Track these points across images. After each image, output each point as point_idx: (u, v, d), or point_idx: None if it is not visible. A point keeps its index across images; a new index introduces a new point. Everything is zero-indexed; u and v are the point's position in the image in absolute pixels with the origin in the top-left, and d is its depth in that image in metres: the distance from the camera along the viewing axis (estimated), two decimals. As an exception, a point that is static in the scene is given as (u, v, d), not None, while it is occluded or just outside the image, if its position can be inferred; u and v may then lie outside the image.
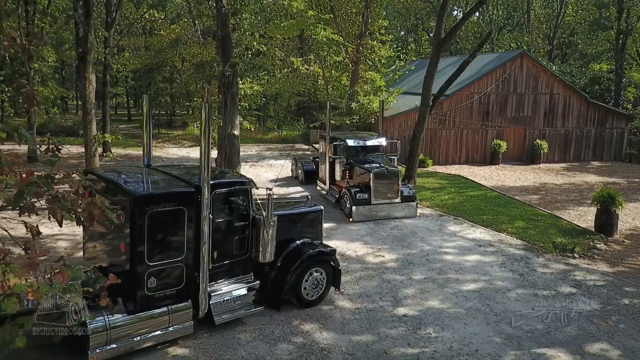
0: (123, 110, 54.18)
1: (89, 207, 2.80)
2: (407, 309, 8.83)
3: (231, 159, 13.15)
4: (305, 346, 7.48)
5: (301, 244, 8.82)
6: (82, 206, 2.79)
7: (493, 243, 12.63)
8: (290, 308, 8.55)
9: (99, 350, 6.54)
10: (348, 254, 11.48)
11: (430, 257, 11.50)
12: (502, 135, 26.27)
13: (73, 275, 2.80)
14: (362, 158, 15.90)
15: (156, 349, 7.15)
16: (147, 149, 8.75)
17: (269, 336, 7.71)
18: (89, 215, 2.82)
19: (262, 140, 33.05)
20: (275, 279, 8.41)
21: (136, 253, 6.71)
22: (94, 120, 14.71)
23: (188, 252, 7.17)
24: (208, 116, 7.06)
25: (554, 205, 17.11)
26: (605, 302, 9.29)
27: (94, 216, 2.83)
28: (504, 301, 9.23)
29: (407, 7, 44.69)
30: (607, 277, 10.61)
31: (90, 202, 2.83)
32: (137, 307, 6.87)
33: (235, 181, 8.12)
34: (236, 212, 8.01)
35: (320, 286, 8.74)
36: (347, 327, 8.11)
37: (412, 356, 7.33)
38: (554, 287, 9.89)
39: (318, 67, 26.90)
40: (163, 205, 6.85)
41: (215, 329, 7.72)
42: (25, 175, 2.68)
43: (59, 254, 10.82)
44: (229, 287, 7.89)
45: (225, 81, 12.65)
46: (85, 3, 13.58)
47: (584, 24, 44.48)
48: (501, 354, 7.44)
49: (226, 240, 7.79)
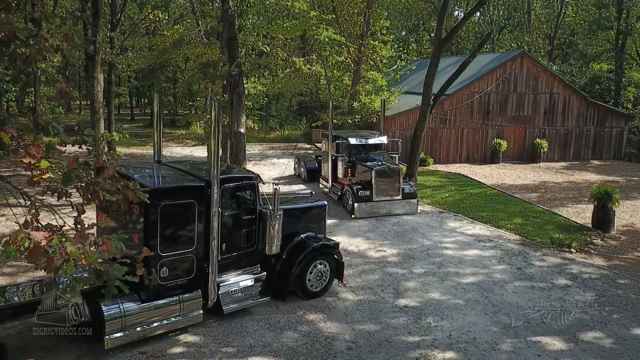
0: (125, 110, 54.63)
1: (123, 189, 3.13)
2: (408, 300, 9.14)
3: (237, 156, 13.50)
4: (310, 334, 7.80)
5: (305, 237, 9.15)
6: (118, 188, 3.13)
7: (492, 238, 12.94)
8: (295, 299, 8.87)
9: (114, 336, 6.86)
10: (350, 249, 11.79)
11: (430, 251, 11.82)
12: (503, 134, 26.56)
13: (115, 246, 3.14)
14: (364, 156, 16.23)
15: (167, 336, 7.48)
16: (158, 145, 9.08)
17: (275, 325, 8.03)
18: (124, 196, 3.15)
19: (264, 140, 33.40)
20: (281, 270, 8.73)
21: (149, 244, 7.02)
22: (102, 119, 15.04)
23: (198, 243, 7.50)
24: (218, 114, 7.38)
25: (553, 203, 17.40)
26: (599, 294, 9.60)
27: (129, 197, 3.17)
28: (502, 293, 9.55)
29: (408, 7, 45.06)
30: (602, 270, 10.91)
31: (125, 184, 3.16)
32: (150, 296, 7.20)
33: (243, 176, 8.44)
34: (244, 206, 8.34)
35: (324, 278, 9.06)
36: (350, 317, 8.42)
37: (412, 344, 7.64)
38: (550, 280, 10.21)
39: (320, 67, 27.21)
40: (175, 199, 7.17)
41: (224, 318, 8.04)
42: (71, 161, 3.02)
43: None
44: (236, 278, 8.22)
45: (232, 81, 12.98)
46: (94, 4, 13.92)
47: (584, 24, 44.73)
48: (498, 341, 7.75)
49: (234, 233, 8.11)
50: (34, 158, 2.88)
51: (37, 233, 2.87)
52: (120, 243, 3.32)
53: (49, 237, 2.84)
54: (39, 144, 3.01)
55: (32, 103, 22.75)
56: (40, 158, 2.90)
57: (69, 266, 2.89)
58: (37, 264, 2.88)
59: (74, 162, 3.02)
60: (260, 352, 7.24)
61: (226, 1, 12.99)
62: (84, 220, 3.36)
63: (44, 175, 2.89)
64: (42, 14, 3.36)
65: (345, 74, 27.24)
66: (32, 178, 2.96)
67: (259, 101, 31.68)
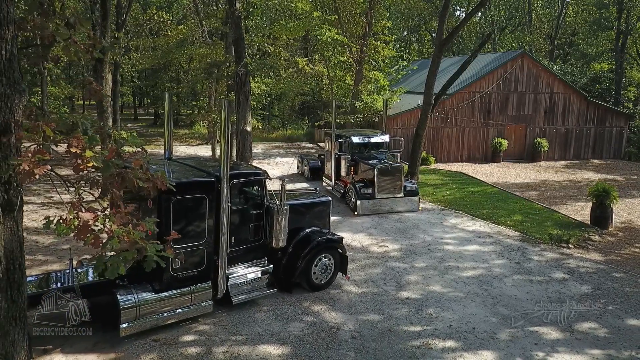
0: (128, 110, 54.98)
1: (153, 178, 3.46)
2: (410, 293, 9.45)
3: (244, 153, 13.85)
4: (316, 324, 8.11)
5: (311, 232, 9.47)
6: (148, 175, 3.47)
7: (491, 234, 13.25)
8: (301, 291, 9.19)
9: (129, 324, 7.19)
10: (353, 245, 12.10)
11: (431, 247, 12.13)
12: (503, 133, 26.83)
13: (149, 227, 3.48)
14: (366, 154, 16.55)
15: (179, 325, 7.80)
16: (168, 143, 9.40)
17: (282, 315, 8.35)
18: (153, 183, 3.49)
19: (267, 139, 33.71)
20: (287, 263, 9.06)
21: (162, 237, 7.33)
22: (110, 118, 15.38)
23: (208, 236, 7.82)
24: (228, 113, 7.70)
25: (553, 201, 17.68)
26: (595, 287, 9.90)
27: (157, 185, 3.51)
28: (501, 286, 9.85)
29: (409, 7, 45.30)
30: (598, 265, 11.21)
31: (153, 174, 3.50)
32: (163, 286, 7.53)
33: (251, 172, 8.77)
34: (252, 201, 8.67)
35: (328, 271, 9.38)
36: (354, 308, 8.73)
37: (414, 333, 7.95)
38: (548, 274, 10.51)
39: (322, 66, 27.55)
40: (187, 193, 7.49)
41: (233, 309, 8.36)
42: (110, 152, 3.35)
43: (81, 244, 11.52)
44: (245, 270, 8.55)
45: (239, 80, 13.33)
46: (103, 6, 14.25)
47: (584, 24, 44.96)
48: (496, 331, 8.06)
49: (243, 227, 8.44)
50: (78, 149, 3.22)
51: (84, 214, 3.20)
52: (153, 225, 3.66)
53: (95, 217, 3.18)
54: (79, 137, 3.35)
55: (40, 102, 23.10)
56: (84, 148, 3.23)
57: (114, 242, 3.23)
58: (85, 240, 3.21)
59: (111, 153, 3.36)
60: (268, 341, 7.55)
61: (233, 3, 13.34)
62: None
63: (89, 164, 3.23)
64: (76, 19, 3.68)
65: (348, 73, 27.57)
66: (78, 166, 3.29)
67: (262, 101, 32.02)
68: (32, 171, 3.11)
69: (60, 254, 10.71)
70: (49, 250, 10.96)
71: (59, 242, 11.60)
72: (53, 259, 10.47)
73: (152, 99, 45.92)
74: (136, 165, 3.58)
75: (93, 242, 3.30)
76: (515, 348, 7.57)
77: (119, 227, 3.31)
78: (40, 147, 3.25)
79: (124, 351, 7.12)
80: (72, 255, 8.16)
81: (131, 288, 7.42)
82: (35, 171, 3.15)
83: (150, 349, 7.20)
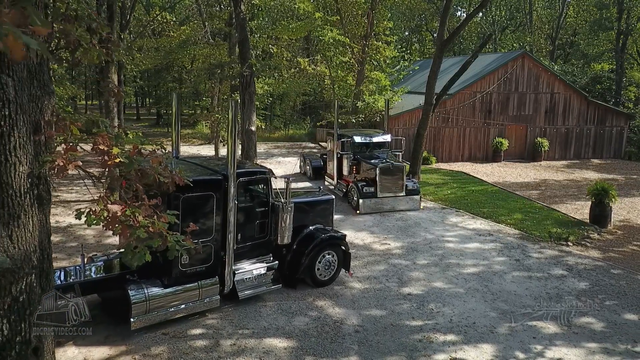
0: (130, 110, 55.23)
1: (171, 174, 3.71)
2: (412, 289, 9.67)
3: (248, 153, 14.09)
4: (320, 319, 8.34)
5: (314, 229, 9.69)
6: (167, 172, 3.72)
7: (492, 232, 13.46)
8: (305, 287, 9.42)
9: (139, 318, 7.42)
10: (356, 243, 12.32)
11: (433, 244, 12.34)
12: (504, 133, 27.04)
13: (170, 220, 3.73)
14: (368, 154, 16.77)
15: (187, 319, 8.03)
16: (176, 143, 9.63)
17: (287, 310, 8.57)
18: (172, 179, 3.74)
19: (269, 139, 33.95)
20: (292, 260, 9.28)
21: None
22: (115, 118, 15.62)
23: (216, 233, 8.05)
24: (235, 113, 7.92)
25: (553, 200, 17.88)
26: (593, 283, 10.11)
27: (175, 180, 3.76)
28: (501, 282, 10.06)
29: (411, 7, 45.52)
30: (596, 262, 11.42)
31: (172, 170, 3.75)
32: (172, 281, 7.76)
33: (257, 171, 9.00)
34: (257, 199, 8.90)
35: (332, 267, 9.60)
36: (357, 304, 8.95)
37: (416, 327, 8.17)
38: (547, 271, 10.72)
39: (324, 67, 27.76)
40: (195, 191, 7.71)
41: (239, 304, 8.59)
42: (133, 149, 3.59)
43: (87, 241, 11.78)
44: (251, 266, 8.78)
45: (244, 81, 13.57)
46: (109, 7, 14.49)
47: (585, 25, 45.14)
48: (496, 325, 8.28)
49: (249, 224, 8.67)
50: (106, 146, 3.46)
51: (112, 206, 3.44)
52: (174, 217, 3.91)
53: (123, 209, 3.42)
54: (104, 135, 3.59)
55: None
56: (112, 145, 3.48)
57: (141, 232, 3.47)
58: (114, 230, 3.46)
59: (134, 150, 3.60)
60: (274, 334, 7.78)
61: (238, 5, 13.57)
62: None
63: (116, 160, 3.47)
64: (98, 25, 3.91)
65: (349, 74, 27.78)
66: (105, 162, 3.53)
67: (264, 101, 32.26)
68: (65, 166, 3.36)
69: (69, 252, 10.96)
70: (57, 248, 11.19)
71: (66, 240, 11.86)
72: (62, 256, 10.70)
73: (154, 99, 46.15)
74: (154, 162, 3.82)
75: (121, 231, 3.55)
76: (514, 341, 7.79)
77: (144, 219, 3.55)
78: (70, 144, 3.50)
79: (134, 344, 7.34)
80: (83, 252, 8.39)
81: (141, 283, 7.65)
82: (68, 167, 3.40)
83: (160, 342, 7.43)
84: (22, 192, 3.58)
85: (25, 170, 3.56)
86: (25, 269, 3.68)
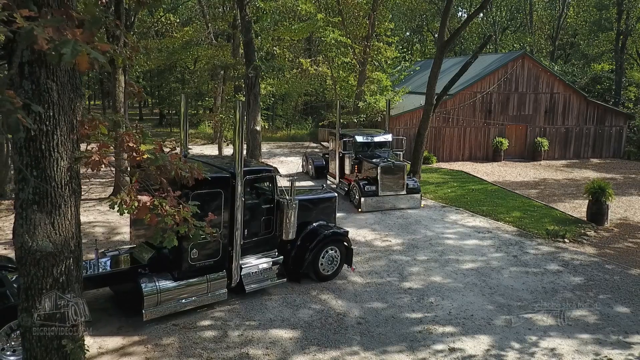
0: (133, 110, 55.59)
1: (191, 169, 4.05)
2: (412, 283, 10.00)
3: (253, 152, 14.43)
4: (324, 311, 8.67)
5: (318, 225, 10.04)
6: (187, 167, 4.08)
7: (490, 230, 13.78)
8: (309, 281, 9.75)
9: (151, 309, 7.76)
10: (358, 239, 12.65)
11: (432, 241, 12.67)
12: (504, 133, 27.33)
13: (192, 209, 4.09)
14: (370, 153, 17.10)
15: (196, 311, 8.37)
16: (184, 141, 9.96)
17: (291, 303, 8.91)
18: (191, 172, 4.11)
19: (271, 139, 34.30)
20: (296, 255, 9.63)
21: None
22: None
23: (224, 228, 8.38)
24: (242, 113, 8.25)
25: (551, 198, 18.18)
26: (588, 278, 10.43)
27: (194, 174, 4.12)
28: (498, 277, 10.39)
29: (412, 8, 45.86)
30: (592, 258, 11.74)
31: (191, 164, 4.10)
32: (182, 275, 8.10)
33: (263, 169, 9.34)
34: (263, 196, 9.24)
35: (335, 262, 9.94)
36: (359, 297, 9.28)
37: (416, 319, 8.50)
38: (543, 266, 11.04)
39: (326, 67, 28.10)
40: (204, 188, 8.03)
41: (246, 297, 8.93)
42: (158, 146, 3.94)
43: (97, 237, 12.12)
44: (257, 261, 9.11)
45: (249, 82, 13.90)
46: (117, 9, 14.83)
47: (585, 25, 45.40)
48: (493, 318, 8.60)
49: (255, 221, 9.01)
50: (134, 143, 3.82)
51: (142, 197, 3.80)
52: (195, 208, 4.28)
53: (151, 200, 3.78)
54: (131, 134, 3.95)
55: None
56: (139, 143, 3.83)
57: (169, 219, 3.83)
58: (144, 218, 3.83)
59: (159, 147, 3.96)
60: (279, 326, 8.11)
61: (243, 8, 13.90)
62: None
63: (144, 156, 3.83)
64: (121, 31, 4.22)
65: (351, 74, 28.12)
66: (134, 158, 3.89)
67: (266, 101, 32.61)
68: (100, 161, 3.73)
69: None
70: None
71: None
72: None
73: (157, 99, 46.52)
74: (174, 158, 4.17)
75: (150, 220, 3.92)
76: (510, 333, 8.11)
77: (171, 208, 3.91)
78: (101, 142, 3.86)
79: (146, 334, 7.68)
80: (96, 246, 8.75)
81: (153, 276, 7.98)
82: (103, 161, 3.77)
83: (171, 333, 7.77)
84: (63, 185, 4.02)
85: (65, 165, 3.97)
86: (65, 253, 4.17)
